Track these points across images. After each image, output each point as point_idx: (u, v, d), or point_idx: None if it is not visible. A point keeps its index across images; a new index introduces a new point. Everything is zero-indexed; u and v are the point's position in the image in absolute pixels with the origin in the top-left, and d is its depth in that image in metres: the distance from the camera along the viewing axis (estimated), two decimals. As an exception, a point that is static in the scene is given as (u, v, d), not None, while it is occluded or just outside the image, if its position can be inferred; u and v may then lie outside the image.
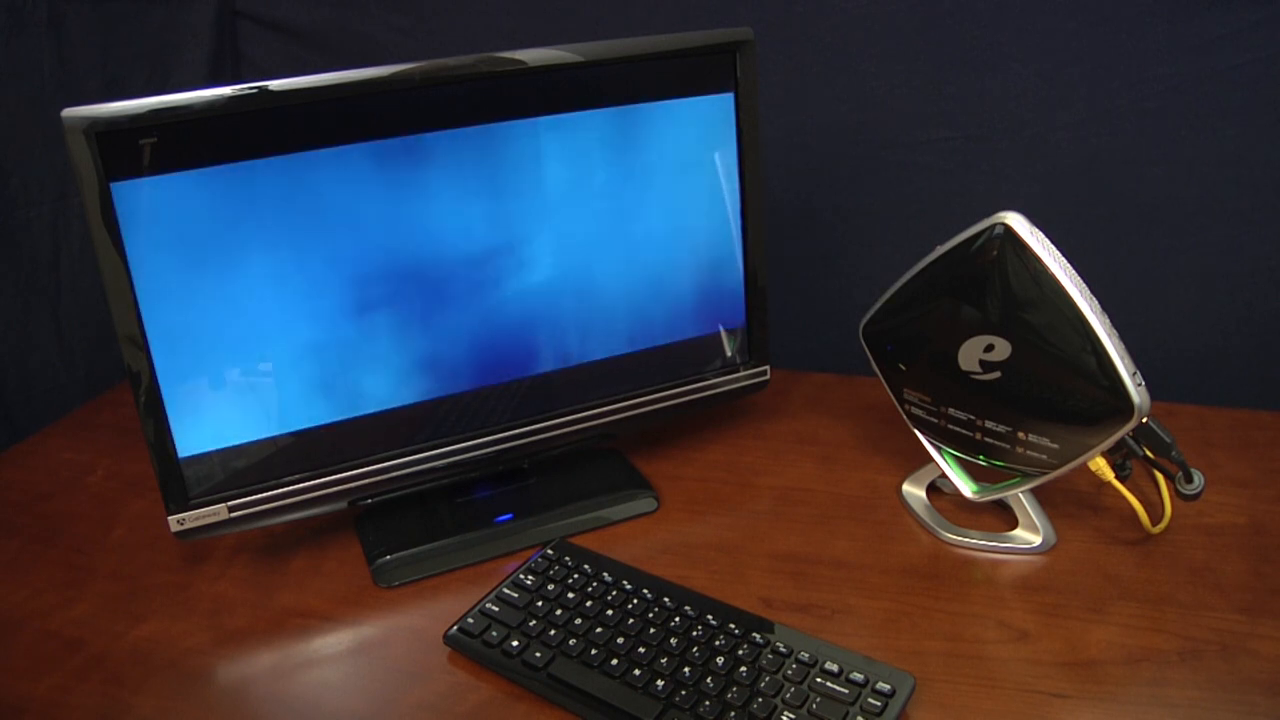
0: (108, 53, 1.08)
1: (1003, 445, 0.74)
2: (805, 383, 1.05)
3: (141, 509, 0.87)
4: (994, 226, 0.69)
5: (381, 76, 0.69)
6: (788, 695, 0.60)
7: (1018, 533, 0.76)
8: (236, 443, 0.72)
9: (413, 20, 1.12)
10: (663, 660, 0.63)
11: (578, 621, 0.67)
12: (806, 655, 0.62)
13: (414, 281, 0.74)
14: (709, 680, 0.61)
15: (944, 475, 0.80)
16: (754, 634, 0.65)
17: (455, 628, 0.68)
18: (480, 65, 0.72)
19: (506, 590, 0.71)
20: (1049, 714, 0.60)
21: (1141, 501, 0.74)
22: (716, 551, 0.77)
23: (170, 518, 0.71)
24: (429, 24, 1.12)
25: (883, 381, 0.82)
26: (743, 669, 0.62)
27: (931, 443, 0.80)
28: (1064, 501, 0.80)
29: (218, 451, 0.72)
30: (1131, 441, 0.73)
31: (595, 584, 0.70)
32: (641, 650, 0.64)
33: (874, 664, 0.62)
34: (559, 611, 0.68)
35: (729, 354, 0.89)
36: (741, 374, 0.89)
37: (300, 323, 0.72)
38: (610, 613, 0.68)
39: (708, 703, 0.60)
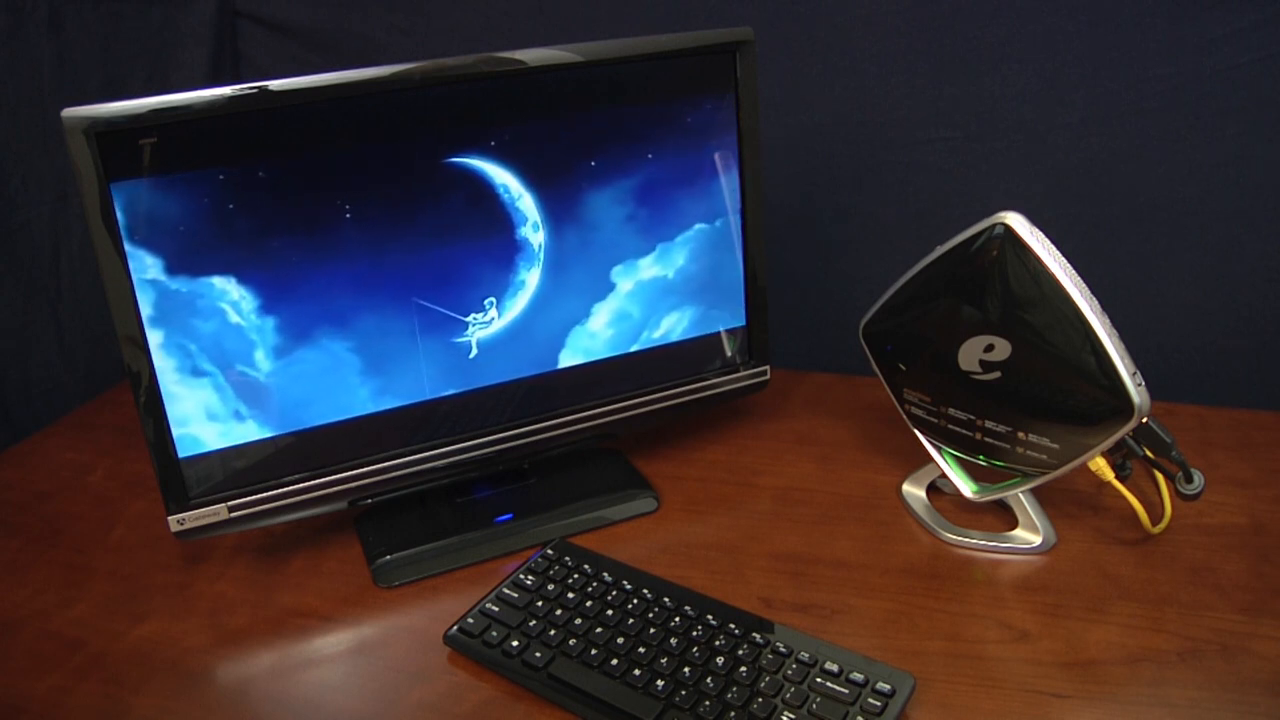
0: (108, 53, 1.08)
1: (1003, 445, 0.74)
2: (805, 383, 1.05)
3: (141, 509, 0.87)
4: (994, 226, 0.69)
5: (381, 76, 0.69)
6: (788, 695, 0.60)
7: (1018, 533, 0.76)
8: (236, 443, 0.72)
9: (413, 20, 1.12)
10: (663, 660, 0.63)
11: (578, 621, 0.67)
12: (806, 655, 0.62)
13: (414, 280, 0.74)
14: (709, 680, 0.61)
15: (944, 475, 0.80)
16: (754, 634, 0.65)
17: (455, 628, 0.68)
18: (480, 65, 0.72)
19: (506, 590, 0.71)
20: (1049, 714, 0.60)
21: (1141, 501, 0.74)
22: (716, 551, 0.77)
23: (170, 518, 0.71)
24: (429, 24, 1.12)
25: (883, 381, 0.82)
26: (743, 669, 0.62)
27: (931, 443, 0.80)
28: (1064, 501, 0.80)
29: (218, 451, 0.72)
30: (1131, 441, 0.73)
31: (595, 584, 0.70)
32: (641, 650, 0.64)
33: (874, 664, 0.62)
34: (559, 611, 0.68)
35: (729, 354, 0.89)
36: (741, 374, 0.89)
37: (300, 322, 0.72)
38: (610, 613, 0.68)
39: (708, 703, 0.60)
